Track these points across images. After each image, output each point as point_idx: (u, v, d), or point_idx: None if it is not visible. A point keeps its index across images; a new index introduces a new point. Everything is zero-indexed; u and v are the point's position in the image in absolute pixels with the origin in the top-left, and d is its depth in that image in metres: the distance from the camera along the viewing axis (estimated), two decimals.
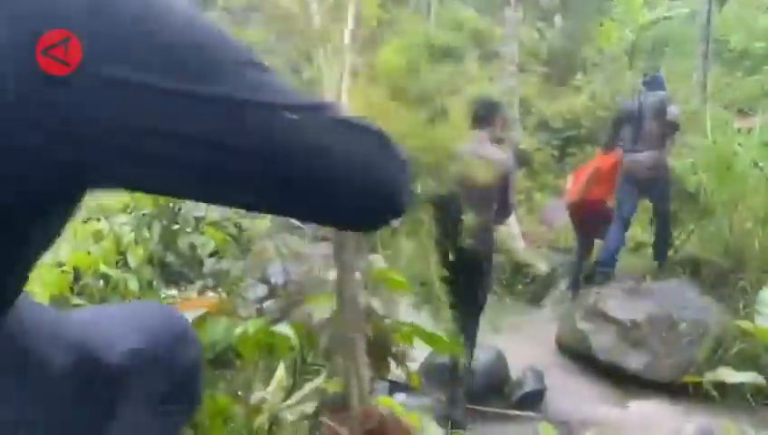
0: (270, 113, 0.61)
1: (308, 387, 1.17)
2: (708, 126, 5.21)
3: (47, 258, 1.83)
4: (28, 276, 0.70)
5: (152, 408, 0.88)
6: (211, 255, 3.68)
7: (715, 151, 4.83)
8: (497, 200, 3.44)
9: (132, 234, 2.14)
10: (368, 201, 0.67)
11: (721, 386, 3.78)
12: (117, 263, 1.99)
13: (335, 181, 0.64)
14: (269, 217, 6.52)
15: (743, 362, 3.98)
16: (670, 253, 5.01)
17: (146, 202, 2.40)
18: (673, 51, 10.00)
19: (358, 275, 1.40)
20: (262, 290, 5.31)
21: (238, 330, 1.24)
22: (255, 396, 1.22)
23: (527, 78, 9.10)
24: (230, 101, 0.59)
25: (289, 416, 1.07)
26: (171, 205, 2.53)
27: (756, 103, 7.23)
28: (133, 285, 1.90)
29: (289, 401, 1.12)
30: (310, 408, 1.11)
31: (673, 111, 4.72)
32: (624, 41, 9.81)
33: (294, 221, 6.42)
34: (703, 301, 4.34)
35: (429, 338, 1.33)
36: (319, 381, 1.21)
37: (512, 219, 6.37)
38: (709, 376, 1.57)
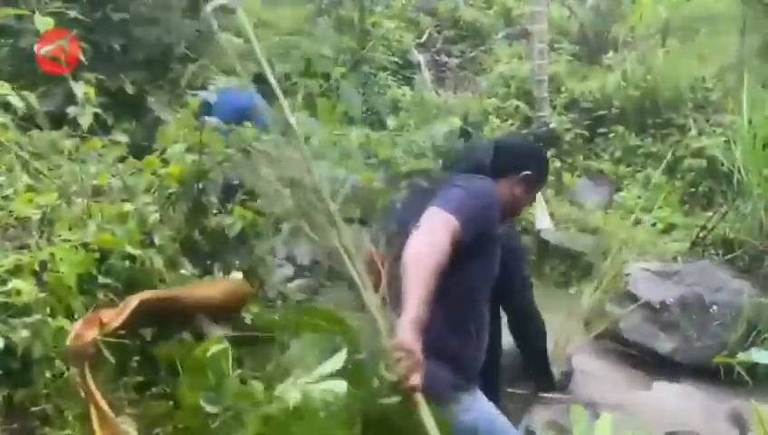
0: None
1: (330, 364, 1.17)
2: (745, 104, 5.07)
3: (73, 239, 1.86)
4: None
5: None
6: (239, 235, 3.68)
7: (752, 130, 4.70)
8: None
9: (157, 214, 2.15)
10: None
11: (752, 370, 3.72)
12: (142, 242, 2.00)
13: None
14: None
15: None
16: (702, 233, 4.91)
17: (170, 182, 2.39)
18: (708, 28, 9.69)
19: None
20: (288, 270, 5.34)
21: (268, 316, 1.25)
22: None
23: (557, 56, 8.95)
24: None
25: (316, 393, 1.08)
26: (195, 184, 2.51)
27: None
28: (158, 262, 1.92)
29: (316, 379, 1.12)
30: (339, 387, 1.12)
31: None
32: (657, 18, 9.56)
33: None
34: (737, 283, 4.25)
35: None
36: (341, 359, 1.21)
37: (539, 200, 6.30)
38: (742, 356, 1.53)
